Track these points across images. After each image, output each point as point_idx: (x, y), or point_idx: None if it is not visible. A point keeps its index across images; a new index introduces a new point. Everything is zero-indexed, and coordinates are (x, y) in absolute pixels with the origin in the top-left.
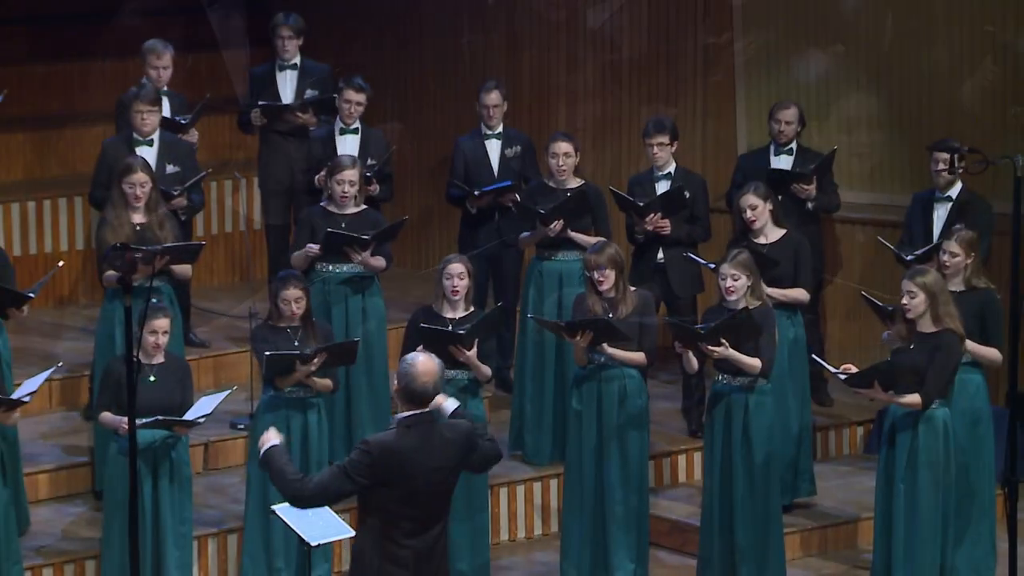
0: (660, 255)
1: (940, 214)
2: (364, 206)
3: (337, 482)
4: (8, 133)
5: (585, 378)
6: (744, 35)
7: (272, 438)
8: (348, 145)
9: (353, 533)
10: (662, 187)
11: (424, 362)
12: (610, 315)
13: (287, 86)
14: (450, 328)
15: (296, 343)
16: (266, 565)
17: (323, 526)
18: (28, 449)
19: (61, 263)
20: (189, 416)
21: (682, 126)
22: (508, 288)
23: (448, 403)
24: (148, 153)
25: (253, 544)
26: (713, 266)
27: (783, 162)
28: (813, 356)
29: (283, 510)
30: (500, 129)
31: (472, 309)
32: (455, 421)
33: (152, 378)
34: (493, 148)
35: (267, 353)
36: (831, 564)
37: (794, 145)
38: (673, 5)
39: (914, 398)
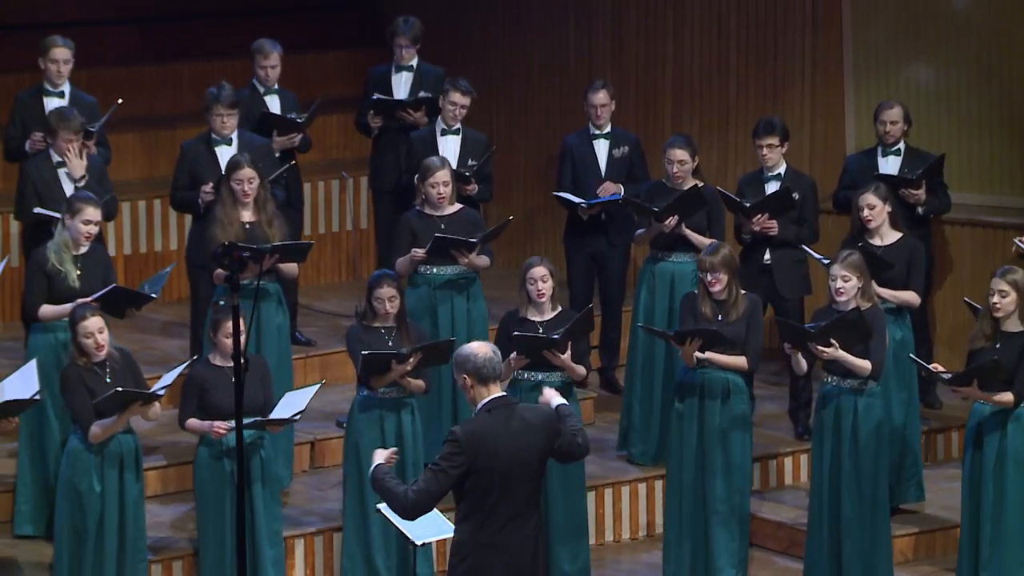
0: (767, 256)
1: None
2: (460, 205)
3: (435, 481)
4: (120, 133)
5: (688, 380)
6: (854, 32)
7: (376, 458)
8: (449, 146)
9: None
10: (772, 188)
11: (477, 344)
12: (719, 318)
13: (401, 87)
14: (540, 331)
15: (390, 343)
16: (365, 564)
17: (428, 525)
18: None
19: (175, 263)
20: (278, 414)
21: (790, 125)
22: (614, 288)
23: (555, 399)
24: (228, 153)
25: (352, 544)
26: (827, 262)
27: (891, 163)
28: (911, 356)
29: (388, 509)
30: (608, 129)
31: (560, 309)
32: (537, 405)
33: (232, 379)
34: (601, 148)
35: (364, 353)
36: (937, 570)
37: (902, 146)
38: (781, 3)
39: (1007, 396)
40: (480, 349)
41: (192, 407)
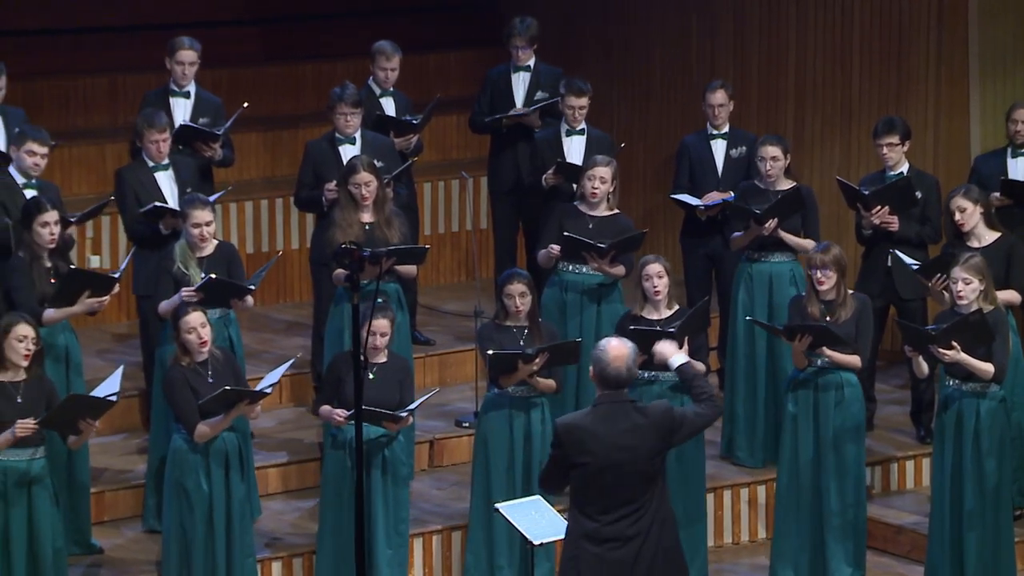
0: (888, 259)
1: None
2: (617, 210)
3: (548, 464)
4: (243, 133)
5: (802, 382)
6: (980, 30)
7: None
8: (574, 146)
9: None
10: None
11: (616, 347)
12: (828, 318)
13: (520, 88)
14: (658, 329)
15: (521, 342)
16: (488, 563)
17: (546, 525)
18: (259, 443)
19: (280, 252)
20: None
21: (914, 126)
22: (729, 286)
23: (675, 358)
24: (351, 152)
25: (476, 542)
26: (916, 267)
27: (1020, 164)
28: None
29: (507, 508)
30: (726, 129)
31: (677, 308)
32: (653, 404)
33: (371, 376)
34: (719, 148)
35: (490, 352)
36: None
37: None
38: (905, 2)
39: None
40: (616, 352)
41: (328, 395)
